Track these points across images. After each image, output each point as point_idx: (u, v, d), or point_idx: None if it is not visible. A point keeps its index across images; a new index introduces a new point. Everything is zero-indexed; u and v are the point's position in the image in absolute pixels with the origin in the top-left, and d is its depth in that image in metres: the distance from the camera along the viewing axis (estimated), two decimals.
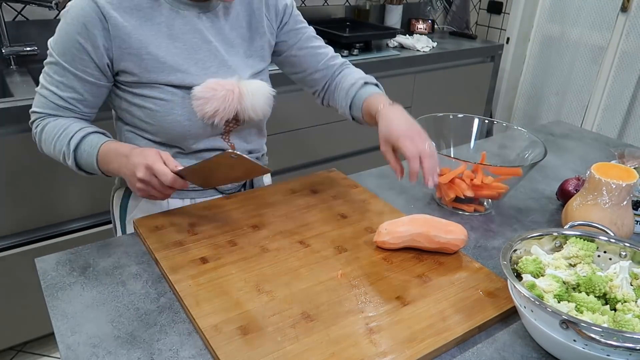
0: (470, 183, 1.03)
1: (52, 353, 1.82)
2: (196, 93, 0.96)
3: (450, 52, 2.49)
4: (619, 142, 1.56)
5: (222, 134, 1.06)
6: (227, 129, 1.06)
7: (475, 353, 0.73)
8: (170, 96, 0.96)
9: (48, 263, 0.87)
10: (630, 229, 0.91)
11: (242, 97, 1.00)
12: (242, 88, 1.00)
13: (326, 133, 2.18)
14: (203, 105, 0.96)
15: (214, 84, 0.97)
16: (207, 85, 0.96)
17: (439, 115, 1.18)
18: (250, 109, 1.01)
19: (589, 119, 2.81)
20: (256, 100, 1.02)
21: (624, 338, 0.61)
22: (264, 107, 1.04)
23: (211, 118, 0.98)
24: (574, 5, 2.77)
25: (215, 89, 0.96)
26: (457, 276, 0.85)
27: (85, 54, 0.91)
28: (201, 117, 0.98)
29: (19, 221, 1.59)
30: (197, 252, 0.88)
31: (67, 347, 0.70)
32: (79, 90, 0.94)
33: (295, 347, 0.69)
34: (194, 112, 0.97)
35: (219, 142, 1.06)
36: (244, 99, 1.00)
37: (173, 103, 0.96)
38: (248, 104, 1.01)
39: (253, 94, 1.01)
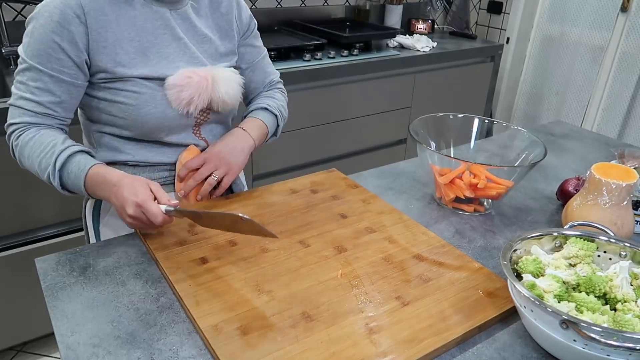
0: (470, 184, 1.03)
1: (52, 353, 1.82)
2: (171, 81, 0.97)
3: (450, 52, 2.49)
4: (619, 142, 1.56)
5: (194, 126, 1.06)
6: (198, 120, 1.06)
7: (475, 353, 0.73)
8: (144, 89, 0.96)
9: (48, 263, 0.87)
10: (630, 229, 0.91)
11: (216, 83, 1.01)
12: (215, 75, 1.01)
13: (326, 133, 2.18)
14: (179, 93, 0.97)
15: (189, 72, 0.98)
16: (181, 74, 0.97)
17: (439, 115, 1.18)
18: (224, 95, 1.03)
19: (589, 119, 2.81)
20: (229, 87, 1.03)
21: (624, 338, 0.61)
22: (237, 93, 1.06)
23: (186, 106, 0.98)
24: (574, 5, 2.77)
25: (189, 77, 0.98)
26: (457, 276, 0.85)
27: (62, 53, 0.90)
28: (177, 106, 0.98)
29: (19, 221, 1.59)
30: (197, 252, 0.88)
31: (67, 347, 0.70)
32: (56, 93, 0.92)
33: (295, 347, 0.69)
34: (167, 104, 0.98)
35: (191, 137, 1.06)
36: (218, 86, 1.01)
37: (147, 95, 0.96)
38: (222, 91, 1.02)
39: (226, 80, 1.03)
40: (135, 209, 0.85)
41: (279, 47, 2.05)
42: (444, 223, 1.05)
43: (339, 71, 2.10)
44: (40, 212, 1.61)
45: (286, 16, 2.45)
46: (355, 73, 2.16)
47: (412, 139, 1.06)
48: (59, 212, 1.65)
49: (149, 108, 0.97)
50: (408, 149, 2.54)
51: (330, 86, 2.11)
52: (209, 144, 1.09)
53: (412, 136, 1.07)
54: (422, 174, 1.25)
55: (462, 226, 1.04)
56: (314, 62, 2.06)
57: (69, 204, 1.65)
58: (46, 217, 1.63)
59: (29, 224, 1.61)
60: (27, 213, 1.59)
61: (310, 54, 2.09)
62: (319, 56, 2.10)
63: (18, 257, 1.61)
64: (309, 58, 2.08)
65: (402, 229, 0.98)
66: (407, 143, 2.53)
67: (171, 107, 0.98)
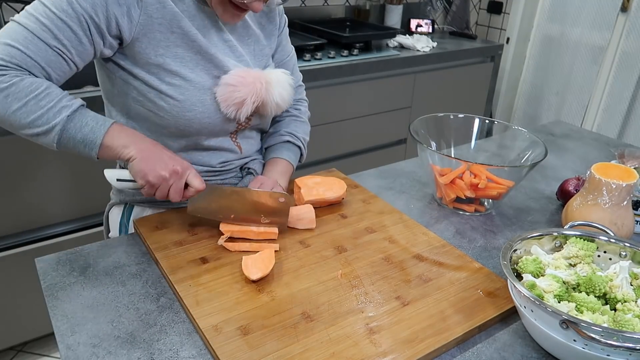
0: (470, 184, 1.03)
1: (52, 353, 1.82)
2: (224, 80, 0.92)
3: (450, 52, 2.49)
4: (619, 142, 1.56)
5: (232, 132, 1.02)
6: (240, 127, 1.02)
7: (475, 353, 0.73)
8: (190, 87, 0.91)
9: (48, 263, 0.87)
10: (630, 229, 0.91)
11: (270, 86, 0.97)
12: (268, 78, 0.97)
13: (326, 133, 2.18)
14: (232, 92, 0.92)
15: (242, 72, 0.94)
16: (235, 73, 0.93)
17: (439, 115, 1.18)
18: (278, 98, 0.98)
19: (589, 119, 2.81)
20: (283, 90, 0.99)
21: (624, 338, 0.61)
22: (289, 97, 1.02)
23: (237, 107, 0.93)
24: (574, 5, 2.77)
25: (243, 77, 0.93)
26: (457, 276, 0.85)
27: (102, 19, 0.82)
28: (225, 108, 0.93)
29: (19, 221, 1.59)
30: (197, 252, 0.88)
31: (67, 347, 0.70)
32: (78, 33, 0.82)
33: (295, 347, 0.69)
34: (215, 107, 0.93)
35: (227, 142, 1.02)
36: (272, 88, 0.97)
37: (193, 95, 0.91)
38: (276, 94, 0.98)
39: (279, 83, 0.99)
40: (183, 170, 0.85)
41: None
42: (444, 223, 1.05)
43: (339, 71, 2.10)
44: (40, 212, 1.61)
45: (286, 16, 2.44)
46: (355, 73, 2.16)
47: (413, 139, 1.06)
48: (60, 212, 1.65)
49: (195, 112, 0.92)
50: (408, 149, 2.54)
51: (330, 86, 2.11)
52: (242, 151, 1.05)
53: (412, 136, 1.07)
54: (422, 174, 1.25)
55: (462, 226, 1.04)
56: (314, 62, 2.06)
57: (69, 204, 1.65)
58: (46, 217, 1.63)
59: (29, 224, 1.61)
60: (27, 213, 1.59)
61: (310, 54, 2.09)
62: (319, 56, 2.10)
63: (18, 257, 1.61)
64: (309, 58, 2.08)
65: (402, 229, 0.98)
66: (407, 143, 2.53)
67: (219, 109, 0.93)
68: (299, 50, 2.13)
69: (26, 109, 0.79)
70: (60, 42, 0.80)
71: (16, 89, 0.78)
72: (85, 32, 0.82)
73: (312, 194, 1.03)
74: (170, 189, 0.85)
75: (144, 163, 0.84)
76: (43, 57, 0.80)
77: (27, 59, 0.79)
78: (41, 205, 1.60)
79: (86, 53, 0.84)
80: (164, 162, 0.84)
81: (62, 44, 0.81)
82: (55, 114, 0.80)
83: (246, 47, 1.01)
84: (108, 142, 0.83)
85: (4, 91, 0.78)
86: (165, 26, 0.87)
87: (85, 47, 0.83)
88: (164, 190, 0.85)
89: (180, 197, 0.87)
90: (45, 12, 0.79)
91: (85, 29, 0.81)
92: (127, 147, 0.84)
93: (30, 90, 0.79)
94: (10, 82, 0.78)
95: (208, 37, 0.93)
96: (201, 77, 0.92)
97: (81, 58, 0.85)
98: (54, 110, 0.80)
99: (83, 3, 0.80)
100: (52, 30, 0.79)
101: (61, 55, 0.82)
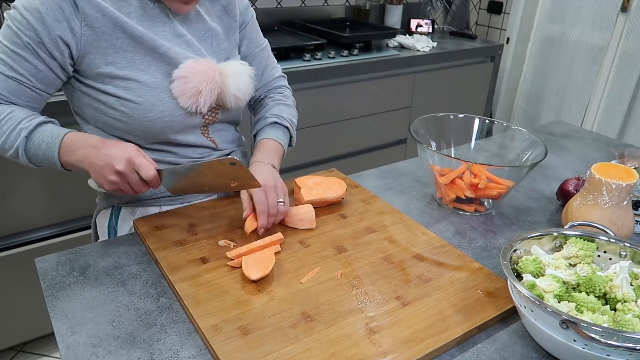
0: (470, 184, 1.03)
1: (52, 353, 1.82)
2: (175, 74, 0.92)
3: (450, 52, 2.49)
4: (619, 142, 1.56)
5: (202, 127, 1.02)
6: (206, 121, 1.02)
7: (475, 353, 0.73)
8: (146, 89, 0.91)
9: (48, 263, 0.87)
10: (630, 229, 0.91)
11: (225, 78, 0.97)
12: (222, 69, 0.97)
13: (326, 133, 2.18)
14: (185, 84, 0.92)
15: (193, 62, 0.93)
16: (185, 65, 0.93)
17: (439, 115, 1.18)
18: (235, 90, 0.98)
19: (589, 119, 2.81)
20: (240, 80, 0.98)
21: (624, 338, 0.61)
22: (248, 87, 1.01)
23: (194, 99, 0.93)
24: (574, 5, 2.77)
25: (194, 67, 0.93)
26: (457, 276, 0.85)
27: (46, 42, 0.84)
28: (184, 102, 0.93)
29: (19, 221, 1.59)
30: (197, 252, 0.88)
31: (67, 347, 0.70)
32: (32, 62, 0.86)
33: (295, 347, 0.69)
34: (175, 103, 0.93)
35: (200, 138, 1.02)
36: (228, 80, 0.97)
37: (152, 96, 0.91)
38: (232, 85, 0.97)
39: (236, 73, 0.98)
40: (126, 164, 0.83)
41: (279, 47, 2.05)
42: (444, 223, 1.05)
43: (339, 71, 2.10)
44: (40, 212, 1.61)
45: (286, 16, 2.45)
46: (355, 73, 2.16)
47: (413, 139, 1.06)
48: (59, 212, 1.65)
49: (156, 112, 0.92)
50: (408, 149, 2.54)
51: (330, 86, 2.11)
52: (218, 145, 1.06)
53: (412, 136, 1.07)
54: (422, 174, 1.25)
55: (462, 226, 1.04)
56: (314, 62, 2.06)
57: (69, 204, 1.65)
58: (46, 217, 1.63)
59: (29, 224, 1.61)
60: (27, 213, 1.59)
61: (310, 54, 2.09)
62: (319, 56, 2.10)
63: (18, 257, 1.61)
64: (309, 58, 2.08)
65: (402, 229, 0.98)
66: (407, 143, 2.53)
67: (178, 105, 0.93)
68: (299, 50, 2.13)
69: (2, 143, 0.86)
70: (17, 72, 0.86)
71: None
72: (38, 59, 0.86)
73: (312, 194, 1.03)
74: (130, 185, 0.86)
75: (94, 173, 0.85)
76: (4, 87, 0.87)
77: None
78: (41, 205, 1.60)
79: (47, 78, 0.89)
80: (108, 166, 0.83)
81: (19, 73, 0.86)
82: (15, 136, 0.86)
83: (203, 41, 1.00)
84: (64, 158, 0.86)
85: None
86: (108, 34, 0.88)
87: (43, 73, 0.88)
88: (126, 188, 0.86)
89: (145, 188, 0.87)
90: (1, 47, 0.85)
91: (37, 57, 0.86)
92: (81, 162, 0.85)
93: None
94: None
95: (160, 34, 0.93)
96: (155, 77, 0.92)
97: (44, 84, 0.89)
98: (14, 133, 0.86)
99: (27, 32, 0.83)
100: (8, 62, 0.85)
101: (22, 84, 0.87)
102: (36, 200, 1.59)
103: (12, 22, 0.84)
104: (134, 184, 0.85)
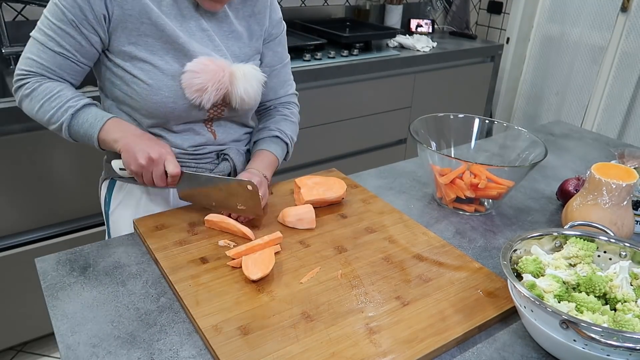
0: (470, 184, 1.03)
1: (52, 353, 1.82)
2: (187, 67, 0.95)
3: (450, 52, 2.49)
4: (619, 142, 1.56)
5: (206, 120, 1.04)
6: (211, 115, 1.04)
7: (475, 353, 0.73)
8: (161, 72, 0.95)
9: (48, 263, 0.87)
10: (630, 229, 0.91)
11: (234, 78, 0.98)
12: (234, 70, 0.99)
13: (326, 133, 2.18)
14: (193, 78, 0.95)
15: (206, 60, 0.96)
16: (198, 60, 0.95)
17: (439, 115, 1.18)
18: (243, 93, 1.00)
19: (589, 119, 2.81)
20: (249, 84, 1.00)
21: (624, 338, 0.61)
22: (257, 92, 1.02)
23: (198, 94, 0.96)
24: (574, 5, 2.77)
25: (206, 64, 0.95)
26: (457, 276, 0.85)
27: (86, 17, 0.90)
28: (188, 94, 0.95)
29: (19, 221, 1.59)
30: (197, 252, 0.88)
31: (67, 347, 0.70)
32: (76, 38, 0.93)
33: (295, 347, 0.69)
34: (181, 93, 0.96)
35: (200, 127, 1.04)
36: (237, 81, 0.99)
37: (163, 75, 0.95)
38: (241, 88, 0.99)
39: (246, 76, 1.00)
40: (159, 156, 0.92)
41: None
42: (444, 223, 1.05)
43: (339, 71, 2.10)
44: (40, 212, 1.61)
45: (286, 16, 2.42)
46: (355, 73, 2.16)
47: (413, 139, 1.06)
48: (59, 212, 1.65)
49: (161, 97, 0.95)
50: (408, 149, 2.54)
51: (330, 86, 2.11)
52: (217, 137, 1.07)
53: (412, 136, 1.07)
54: (422, 174, 1.25)
55: (462, 226, 1.04)
56: (314, 62, 2.06)
57: (69, 204, 1.65)
58: (46, 217, 1.63)
59: (29, 224, 1.61)
60: (27, 213, 1.59)
61: (310, 54, 2.09)
62: (319, 56, 2.10)
63: (18, 257, 1.61)
64: (309, 58, 2.08)
65: (402, 229, 0.98)
66: (407, 143, 2.53)
67: (184, 95, 0.96)
68: (299, 50, 2.13)
69: (43, 110, 0.94)
70: (64, 47, 0.93)
71: (35, 94, 0.94)
72: (81, 35, 0.92)
73: (312, 194, 1.03)
74: (153, 175, 0.93)
75: (127, 153, 0.93)
76: (53, 62, 0.94)
77: (42, 67, 0.94)
78: (41, 205, 1.60)
79: (89, 53, 0.95)
80: (143, 151, 0.91)
81: (66, 49, 0.93)
82: (63, 112, 0.93)
83: (225, 41, 1.03)
84: (103, 136, 0.94)
85: (28, 96, 0.94)
86: (135, 17, 0.93)
87: (85, 48, 0.94)
88: (148, 176, 0.93)
89: (163, 183, 0.94)
90: (48, 24, 0.92)
91: (81, 33, 0.92)
92: (117, 141, 0.94)
93: (45, 94, 0.93)
94: (31, 88, 0.94)
95: (185, 26, 0.97)
96: (170, 64, 0.96)
97: (86, 58, 0.96)
98: (62, 109, 0.93)
99: (72, 10, 0.90)
100: (55, 39, 0.92)
101: (68, 59, 0.94)
102: (36, 200, 1.59)
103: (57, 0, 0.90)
104: (156, 175, 0.93)
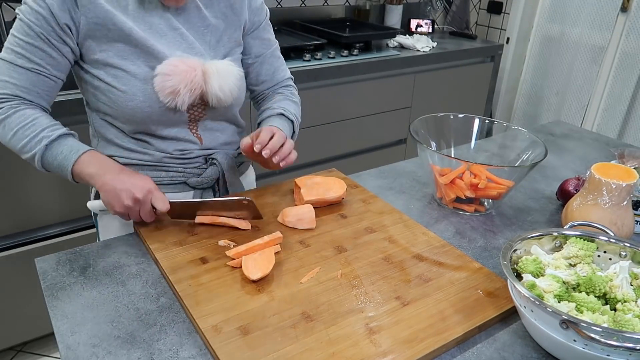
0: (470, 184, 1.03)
1: (52, 353, 1.82)
2: (158, 70, 0.94)
3: (450, 52, 2.49)
4: (619, 142, 1.56)
5: (189, 122, 1.03)
6: (192, 117, 1.02)
7: (475, 353, 0.73)
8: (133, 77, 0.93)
9: (48, 263, 0.87)
10: (630, 229, 0.91)
11: (207, 76, 0.97)
12: (206, 67, 0.97)
13: (326, 133, 2.18)
14: (163, 81, 0.93)
15: (176, 61, 0.94)
16: (168, 62, 0.94)
17: (439, 115, 1.18)
18: (217, 90, 0.97)
19: (589, 119, 2.81)
20: (223, 80, 0.98)
21: (624, 338, 0.61)
22: (232, 88, 1.00)
23: (171, 97, 0.94)
24: (574, 5, 2.77)
25: (176, 65, 0.94)
26: (457, 276, 0.85)
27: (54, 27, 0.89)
28: (162, 97, 0.94)
29: (19, 221, 1.59)
30: (197, 252, 0.88)
31: (67, 347, 0.70)
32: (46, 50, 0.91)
33: (295, 347, 0.69)
34: (155, 96, 0.94)
35: (185, 132, 1.03)
36: (210, 78, 0.97)
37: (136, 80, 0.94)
38: (215, 85, 0.97)
39: (219, 73, 0.97)
40: (145, 194, 0.90)
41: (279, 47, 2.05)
42: (444, 223, 1.05)
43: (339, 71, 2.10)
44: (40, 212, 1.61)
45: (286, 16, 2.45)
46: (355, 73, 2.16)
47: (413, 139, 1.06)
48: (60, 212, 1.65)
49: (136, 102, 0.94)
50: (408, 149, 2.54)
51: (330, 86, 2.11)
52: (203, 142, 1.06)
53: (412, 136, 1.07)
54: (422, 174, 1.25)
55: (462, 226, 1.04)
56: (314, 62, 2.06)
57: (69, 204, 1.65)
58: (46, 217, 1.63)
59: (29, 224, 1.61)
60: (27, 213, 1.59)
61: (310, 54, 2.09)
62: (319, 56, 2.10)
63: (18, 257, 1.61)
64: (309, 58, 2.08)
65: (402, 229, 0.98)
66: (407, 143, 2.53)
67: (159, 99, 0.95)
68: (299, 50, 2.13)
69: (16, 138, 0.91)
70: (35, 62, 0.91)
71: (9, 120, 0.90)
72: (51, 47, 0.91)
73: (312, 194, 1.03)
74: (140, 213, 0.92)
75: (108, 194, 0.91)
76: (26, 80, 0.91)
77: (15, 86, 0.91)
78: (41, 205, 1.60)
79: (61, 65, 0.94)
80: (126, 191, 0.89)
81: (37, 63, 0.91)
82: (36, 143, 0.90)
83: (201, 37, 1.01)
84: (77, 170, 0.91)
85: (1, 123, 0.91)
86: (101, 24, 0.92)
87: (56, 60, 0.92)
88: (135, 215, 0.92)
89: (152, 218, 0.93)
90: (15, 42, 0.90)
91: (50, 44, 0.90)
92: (93, 177, 0.91)
93: (20, 122, 0.90)
94: (5, 114, 0.90)
95: (154, 27, 0.96)
96: (142, 68, 0.95)
97: (59, 70, 0.94)
98: (36, 139, 0.90)
99: (38, 22, 0.88)
100: (25, 55, 0.90)
101: (40, 74, 0.92)
102: (37, 200, 1.59)
103: (23, 15, 0.89)
104: (144, 213, 0.92)
